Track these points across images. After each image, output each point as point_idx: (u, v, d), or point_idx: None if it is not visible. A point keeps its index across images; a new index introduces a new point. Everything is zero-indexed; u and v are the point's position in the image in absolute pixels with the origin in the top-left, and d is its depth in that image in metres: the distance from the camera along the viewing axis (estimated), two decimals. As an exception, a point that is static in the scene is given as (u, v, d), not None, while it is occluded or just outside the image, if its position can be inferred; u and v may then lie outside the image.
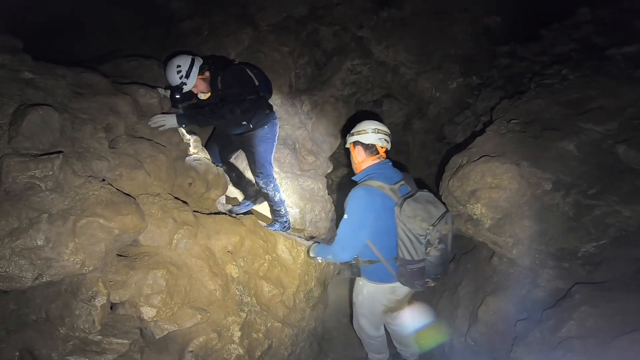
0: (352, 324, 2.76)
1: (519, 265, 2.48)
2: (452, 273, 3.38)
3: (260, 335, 2.30)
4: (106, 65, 3.03)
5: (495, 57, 4.55)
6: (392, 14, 4.84)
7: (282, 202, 3.10)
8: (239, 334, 2.12)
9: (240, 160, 3.48)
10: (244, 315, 2.21)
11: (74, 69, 2.38)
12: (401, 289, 2.34)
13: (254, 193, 3.32)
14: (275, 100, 3.70)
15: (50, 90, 2.07)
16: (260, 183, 2.96)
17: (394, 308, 2.48)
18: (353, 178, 2.38)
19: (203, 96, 2.84)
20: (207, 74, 2.69)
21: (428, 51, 4.88)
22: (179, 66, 2.58)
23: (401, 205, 2.08)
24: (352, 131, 2.39)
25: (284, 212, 3.13)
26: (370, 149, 2.30)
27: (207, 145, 3.11)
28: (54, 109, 1.90)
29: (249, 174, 3.24)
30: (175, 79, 2.59)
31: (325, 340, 3.39)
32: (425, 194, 2.19)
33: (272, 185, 2.98)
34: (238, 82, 2.62)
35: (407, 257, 2.10)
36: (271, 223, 3.16)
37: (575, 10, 4.06)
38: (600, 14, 3.92)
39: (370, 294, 2.40)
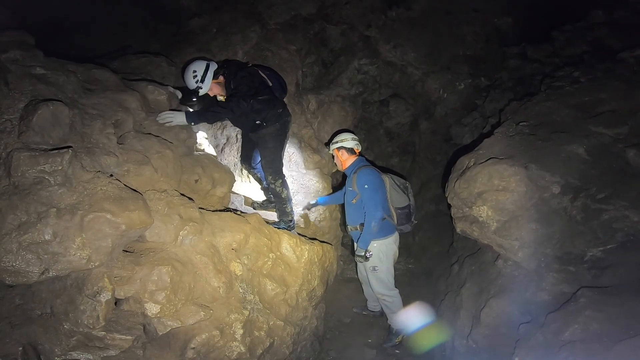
0: (365, 310, 3.69)
1: (524, 268, 2.45)
2: (455, 275, 3.36)
3: (262, 333, 2.30)
4: (116, 61, 3.06)
5: (505, 59, 4.51)
6: (401, 13, 4.82)
7: (289, 200, 3.12)
8: (241, 331, 2.13)
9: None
10: (246, 313, 2.21)
11: (84, 65, 2.41)
12: (398, 238, 3.23)
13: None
14: (282, 99, 3.71)
15: (61, 86, 2.10)
16: (269, 178, 3.02)
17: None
18: (345, 171, 3.28)
19: (221, 99, 2.96)
20: (221, 78, 2.85)
21: (436, 51, 4.85)
22: (194, 71, 2.77)
23: (387, 174, 3.15)
24: (334, 140, 3.27)
25: (289, 210, 3.14)
26: (350, 151, 3.22)
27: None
28: (65, 105, 1.92)
29: None
30: (191, 83, 2.78)
31: (327, 340, 3.39)
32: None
33: (281, 181, 3.03)
34: (246, 81, 2.76)
35: (400, 205, 3.11)
36: (276, 221, 3.17)
37: (589, 12, 4.00)
38: (613, 16, 3.86)
39: (387, 247, 3.14)
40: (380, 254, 3.11)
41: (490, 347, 2.48)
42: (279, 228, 2.94)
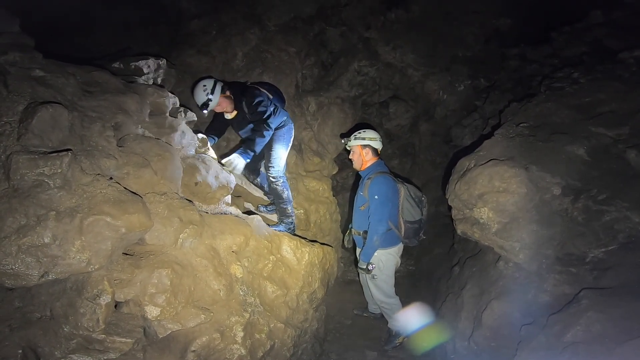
0: (367, 313, 3.68)
1: (525, 270, 2.45)
2: (456, 276, 3.35)
3: (263, 335, 2.29)
4: (116, 63, 3.05)
5: (504, 60, 4.51)
6: (400, 15, 4.82)
7: (289, 200, 3.14)
8: (241, 334, 2.12)
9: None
10: (247, 315, 2.21)
11: (84, 67, 2.40)
12: (401, 249, 3.18)
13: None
14: (281, 101, 3.71)
15: (61, 88, 2.09)
16: (271, 177, 3.10)
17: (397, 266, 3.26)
18: (361, 172, 3.17)
19: (229, 115, 3.14)
20: (228, 92, 3.02)
21: (436, 53, 4.85)
22: (204, 85, 2.96)
23: (403, 184, 3.04)
24: (361, 135, 3.12)
25: (290, 211, 3.15)
26: (375, 152, 3.14)
27: None
28: (64, 107, 1.91)
29: None
30: (202, 96, 2.95)
31: (328, 342, 3.38)
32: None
33: (282, 180, 3.12)
34: (259, 104, 2.96)
35: (410, 219, 3.02)
36: (276, 223, 3.16)
37: (588, 12, 4.01)
38: (613, 16, 3.86)
39: (388, 257, 3.09)
40: (381, 264, 3.08)
41: (492, 348, 2.48)
42: (279, 230, 2.94)
